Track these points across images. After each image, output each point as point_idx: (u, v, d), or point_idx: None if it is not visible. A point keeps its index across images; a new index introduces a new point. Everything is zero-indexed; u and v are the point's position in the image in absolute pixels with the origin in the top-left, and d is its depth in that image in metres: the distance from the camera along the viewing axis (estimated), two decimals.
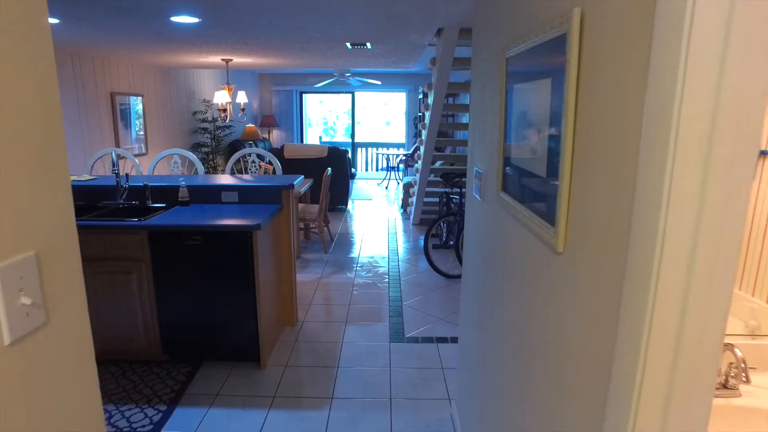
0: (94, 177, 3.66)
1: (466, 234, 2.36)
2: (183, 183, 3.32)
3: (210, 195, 3.42)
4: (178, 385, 2.84)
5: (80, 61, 4.95)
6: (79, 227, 2.84)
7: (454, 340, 3.42)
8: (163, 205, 3.33)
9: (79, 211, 3.31)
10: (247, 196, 3.40)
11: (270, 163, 5.44)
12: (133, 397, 2.73)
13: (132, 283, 2.90)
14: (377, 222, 6.92)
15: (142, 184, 3.36)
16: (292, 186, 3.37)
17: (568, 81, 0.98)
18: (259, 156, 5.39)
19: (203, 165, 7.81)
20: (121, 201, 3.34)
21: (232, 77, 9.04)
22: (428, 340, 3.43)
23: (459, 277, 4.65)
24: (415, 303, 4.07)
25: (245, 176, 3.75)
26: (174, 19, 3.11)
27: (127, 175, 3.35)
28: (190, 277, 2.89)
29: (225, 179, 3.60)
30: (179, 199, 3.32)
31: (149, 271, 2.89)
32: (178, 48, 4.63)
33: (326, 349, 3.28)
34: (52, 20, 3.08)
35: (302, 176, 3.74)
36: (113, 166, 3.18)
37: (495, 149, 1.68)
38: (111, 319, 2.95)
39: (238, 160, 6.42)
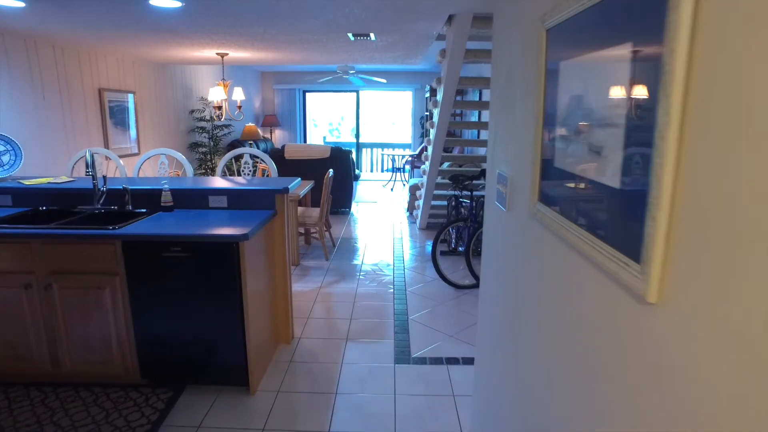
0: (72, 179, 3.34)
1: (484, 248, 2.01)
2: (166, 186, 2.99)
3: (196, 199, 3.08)
4: (155, 415, 2.51)
5: (63, 54, 4.62)
6: (45, 236, 2.54)
7: (466, 361, 3.07)
8: (144, 210, 3.00)
9: (51, 217, 2.98)
10: (237, 200, 3.06)
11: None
12: (104, 429, 2.39)
13: (105, 299, 2.58)
14: (382, 226, 6.57)
15: (121, 187, 3.04)
16: (286, 190, 3.03)
17: (673, 41, 0.64)
18: (253, 156, 5.06)
19: (201, 166, 7.49)
20: (99, 206, 3.01)
21: (233, 74, 8.73)
22: (437, 361, 3.08)
23: (469, 287, 4.29)
24: (422, 317, 3.73)
25: (238, 179, 3.41)
26: (153, 2, 2.78)
27: (104, 177, 3.02)
28: (171, 293, 2.56)
29: (214, 182, 3.27)
30: (162, 204, 2.99)
31: (124, 286, 2.56)
32: (166, 40, 4.30)
33: (324, 371, 2.95)
34: (17, 3, 2.76)
35: (299, 179, 3.40)
36: (87, 167, 2.85)
37: (529, 148, 1.33)
38: (82, 339, 2.63)
39: (234, 161, 6.11)
